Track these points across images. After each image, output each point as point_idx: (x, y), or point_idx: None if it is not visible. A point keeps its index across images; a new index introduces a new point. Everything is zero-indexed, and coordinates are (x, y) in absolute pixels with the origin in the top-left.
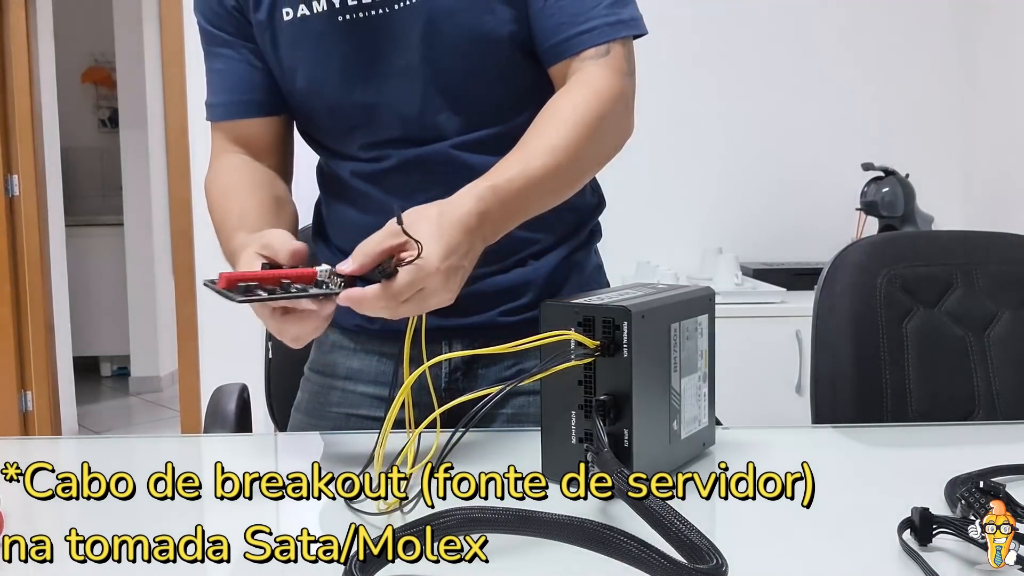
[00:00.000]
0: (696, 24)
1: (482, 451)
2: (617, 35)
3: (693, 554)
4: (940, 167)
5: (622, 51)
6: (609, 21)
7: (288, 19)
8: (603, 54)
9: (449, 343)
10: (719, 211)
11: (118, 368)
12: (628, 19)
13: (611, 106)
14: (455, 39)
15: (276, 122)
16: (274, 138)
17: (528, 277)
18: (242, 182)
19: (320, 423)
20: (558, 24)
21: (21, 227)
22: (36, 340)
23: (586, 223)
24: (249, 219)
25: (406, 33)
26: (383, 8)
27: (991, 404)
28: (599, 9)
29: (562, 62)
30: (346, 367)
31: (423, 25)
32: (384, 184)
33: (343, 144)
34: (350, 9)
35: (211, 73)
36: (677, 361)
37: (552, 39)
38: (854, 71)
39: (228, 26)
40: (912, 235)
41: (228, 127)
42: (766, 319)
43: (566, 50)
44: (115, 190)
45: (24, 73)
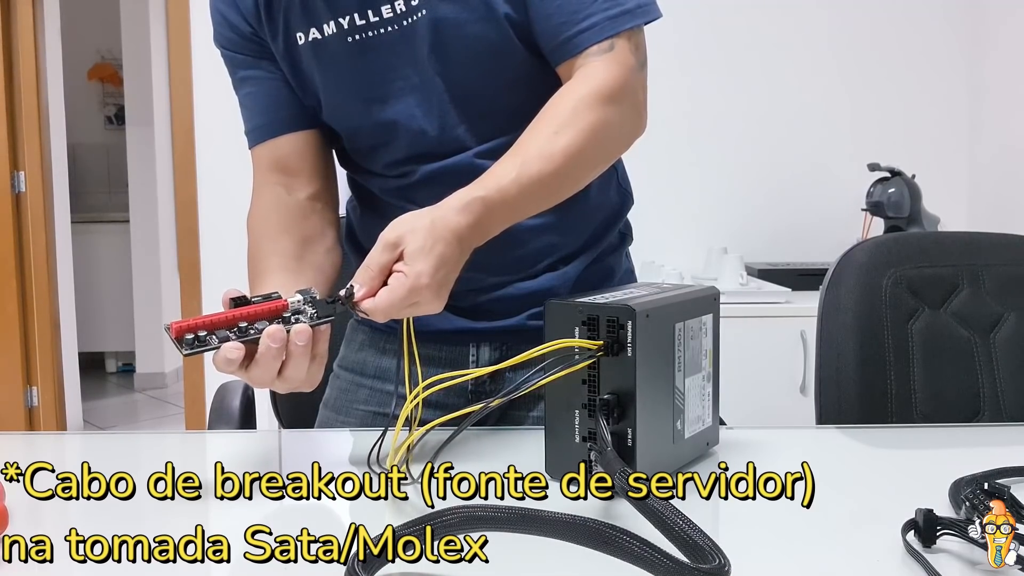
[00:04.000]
0: (704, 24)
1: (482, 451)
2: (620, 28)
3: (696, 554)
4: (947, 168)
5: (627, 44)
6: (610, 14)
7: (302, 43)
8: (607, 50)
9: (477, 346)
10: (724, 211)
11: (123, 364)
12: (633, 7)
13: (614, 104)
14: (464, 50)
15: (312, 137)
16: (312, 156)
17: (557, 282)
18: (272, 227)
19: (347, 420)
20: (558, 24)
21: (27, 224)
22: (42, 336)
23: (614, 225)
24: (269, 271)
25: (416, 50)
26: (391, 27)
27: (996, 406)
28: (599, 3)
29: (567, 62)
30: (375, 365)
31: (431, 40)
32: (412, 196)
33: (369, 163)
34: (359, 29)
35: (243, 99)
36: (681, 361)
37: (554, 41)
38: (860, 71)
39: (248, 49)
40: (918, 236)
41: (266, 151)
42: (771, 319)
43: (568, 51)
44: (121, 187)
45: (31, 70)
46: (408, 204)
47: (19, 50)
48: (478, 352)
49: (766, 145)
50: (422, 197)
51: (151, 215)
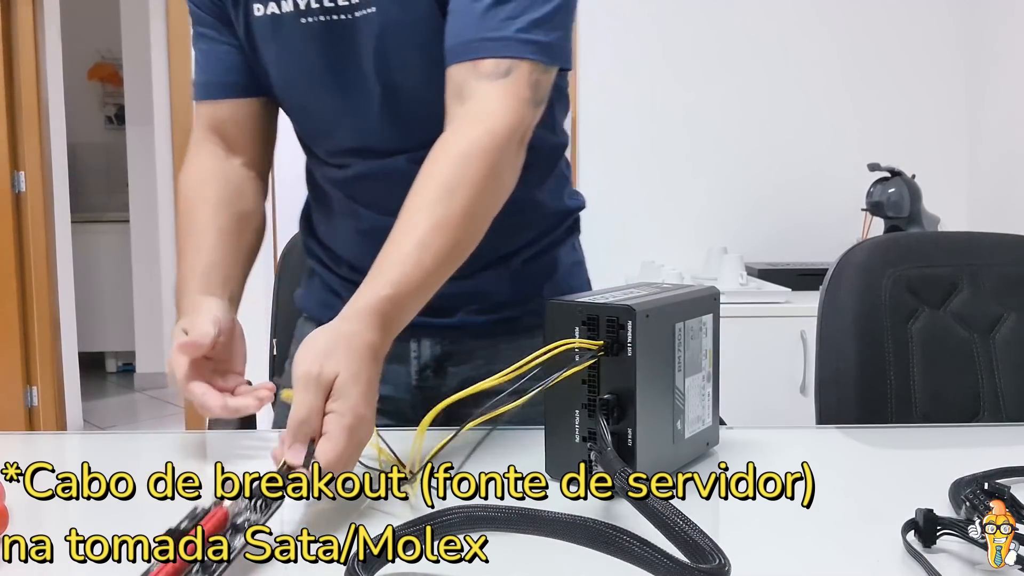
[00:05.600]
0: (704, 25)
1: (482, 451)
2: (524, 55)
3: (696, 554)
4: (946, 168)
5: (527, 77)
6: (521, 38)
7: (259, 15)
8: (502, 74)
9: (419, 340)
10: (724, 211)
11: (123, 364)
12: (545, 43)
13: (505, 146)
14: (407, 55)
15: (256, 106)
16: (252, 125)
17: (494, 280)
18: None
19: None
20: (464, 26)
21: (27, 223)
22: (42, 336)
23: (561, 224)
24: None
25: (363, 44)
26: (343, 15)
27: (996, 406)
28: (515, 23)
29: (458, 65)
30: None
31: (376, 37)
32: (350, 191)
33: (314, 146)
34: (313, 12)
35: (197, 53)
36: (681, 361)
37: (453, 39)
38: (860, 71)
39: (211, 11)
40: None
41: (208, 109)
42: (771, 319)
43: (463, 53)
44: (121, 187)
45: (31, 70)
46: (346, 199)
47: (19, 50)
48: (420, 347)
49: (766, 145)
50: (359, 193)
51: (151, 215)
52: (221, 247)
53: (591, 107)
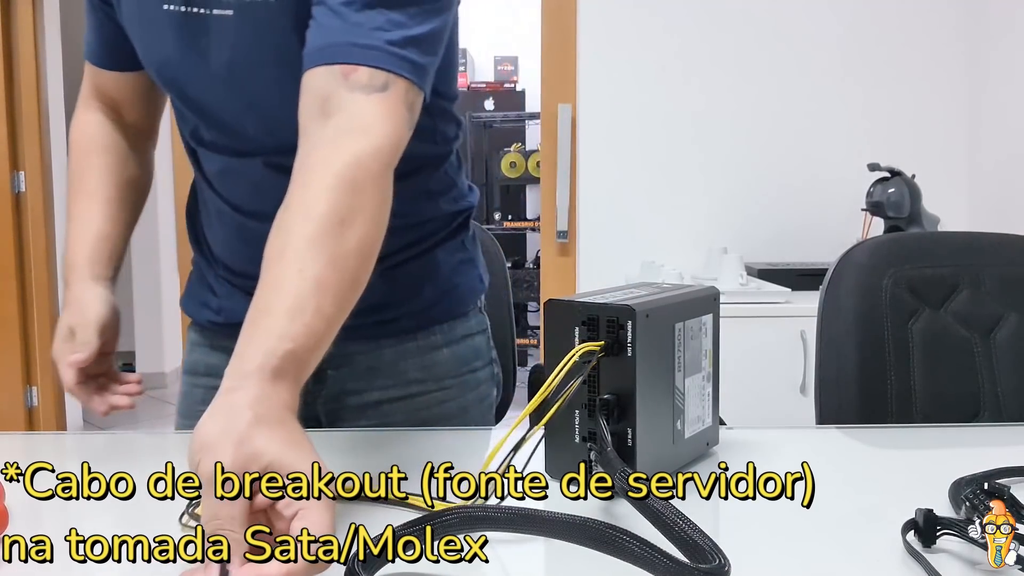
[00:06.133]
0: (703, 25)
1: (482, 451)
2: (401, 71)
3: (696, 554)
4: (947, 168)
5: (403, 95)
6: (395, 52)
7: None
8: (379, 87)
9: None
10: (724, 211)
11: (123, 364)
12: (420, 65)
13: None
14: (262, 58)
15: (136, 79)
16: (133, 94)
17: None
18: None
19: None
20: (330, 29)
21: (27, 223)
22: (42, 336)
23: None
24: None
25: (221, 41)
26: (201, 8)
27: (996, 406)
28: (387, 34)
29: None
30: (205, 364)
31: (233, 37)
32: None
33: (183, 131)
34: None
35: (86, 16)
36: (681, 361)
37: (318, 41)
38: (861, 71)
39: None
40: (918, 236)
41: (94, 72)
42: (771, 319)
43: (330, 55)
44: None
45: (31, 71)
46: (206, 188)
47: (19, 51)
48: None
49: (766, 145)
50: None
51: (150, 215)
52: (109, 220)
53: (591, 107)
